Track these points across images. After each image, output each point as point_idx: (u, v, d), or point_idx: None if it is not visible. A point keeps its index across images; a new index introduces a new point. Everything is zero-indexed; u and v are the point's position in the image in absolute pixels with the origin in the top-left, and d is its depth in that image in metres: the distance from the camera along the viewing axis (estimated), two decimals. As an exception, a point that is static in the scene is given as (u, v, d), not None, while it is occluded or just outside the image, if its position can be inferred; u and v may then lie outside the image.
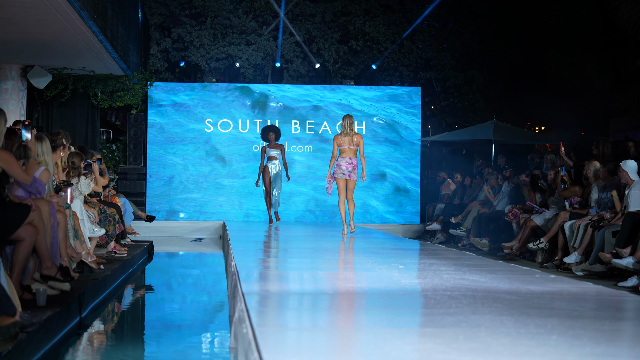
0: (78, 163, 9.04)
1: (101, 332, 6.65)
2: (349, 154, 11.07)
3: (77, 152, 9.24)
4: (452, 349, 3.81)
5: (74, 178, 8.99)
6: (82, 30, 11.48)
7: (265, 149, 14.97)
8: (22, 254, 5.86)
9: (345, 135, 11.11)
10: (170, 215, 17.49)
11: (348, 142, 11.13)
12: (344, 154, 11.08)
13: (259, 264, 7.99)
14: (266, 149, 14.95)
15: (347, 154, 11.06)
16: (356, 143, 11.15)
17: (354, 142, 11.14)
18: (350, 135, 11.13)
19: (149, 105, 17.55)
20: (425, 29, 19.28)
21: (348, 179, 11.13)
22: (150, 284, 10.32)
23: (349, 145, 11.12)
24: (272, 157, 14.87)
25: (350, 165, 11.07)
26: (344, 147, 11.10)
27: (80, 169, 9.05)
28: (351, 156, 11.07)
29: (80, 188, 9.07)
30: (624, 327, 4.86)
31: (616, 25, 14.81)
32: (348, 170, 11.07)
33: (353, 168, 11.07)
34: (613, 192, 9.45)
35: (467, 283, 6.29)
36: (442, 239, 14.72)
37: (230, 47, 18.64)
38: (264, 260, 8.51)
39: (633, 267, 8.14)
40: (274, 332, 4.25)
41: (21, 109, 15.13)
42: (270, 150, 14.89)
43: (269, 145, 14.94)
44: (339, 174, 11.15)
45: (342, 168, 11.12)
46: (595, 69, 16.44)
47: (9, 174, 5.82)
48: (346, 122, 11.16)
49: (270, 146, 14.94)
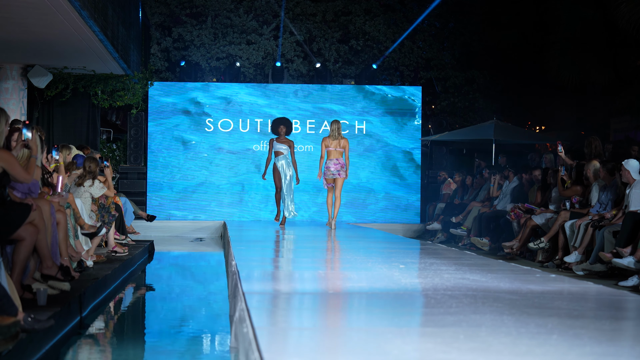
0: (94, 168, 9.21)
1: (102, 332, 6.65)
2: (335, 155, 12.26)
3: (94, 157, 9.44)
4: (452, 349, 3.81)
5: (88, 181, 9.14)
6: (82, 29, 11.48)
7: (273, 142, 13.64)
8: (23, 254, 5.86)
9: (334, 139, 12.28)
10: (171, 214, 17.50)
11: (335, 144, 12.30)
12: (331, 156, 12.27)
13: (259, 263, 7.99)
14: (273, 143, 13.62)
15: (334, 155, 12.25)
16: (342, 146, 12.36)
17: (340, 145, 12.34)
18: (338, 139, 12.32)
19: (149, 104, 17.56)
20: (426, 29, 19.28)
21: (337, 177, 12.34)
22: (150, 283, 10.33)
23: (336, 147, 12.30)
24: (279, 153, 13.52)
25: (338, 165, 12.28)
26: (331, 149, 12.28)
27: (95, 173, 9.23)
28: (338, 157, 12.24)
29: (92, 190, 9.19)
30: (625, 327, 4.86)
31: (617, 24, 14.81)
32: (337, 170, 12.29)
33: (341, 167, 12.26)
34: None
35: (467, 282, 6.29)
36: (443, 238, 14.72)
37: (231, 46, 18.64)
38: (264, 259, 8.51)
39: (634, 266, 8.14)
40: (274, 332, 4.25)
41: (22, 108, 15.13)
42: (278, 144, 13.55)
43: (278, 139, 13.62)
44: (329, 175, 12.41)
45: (331, 169, 12.39)
46: (596, 68, 16.44)
47: (9, 174, 5.82)
48: (334, 127, 12.39)
49: (279, 140, 13.60)
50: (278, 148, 13.52)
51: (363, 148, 17.92)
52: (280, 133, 13.56)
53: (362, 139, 17.93)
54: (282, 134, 13.56)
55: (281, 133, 13.56)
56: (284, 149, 13.50)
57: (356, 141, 17.86)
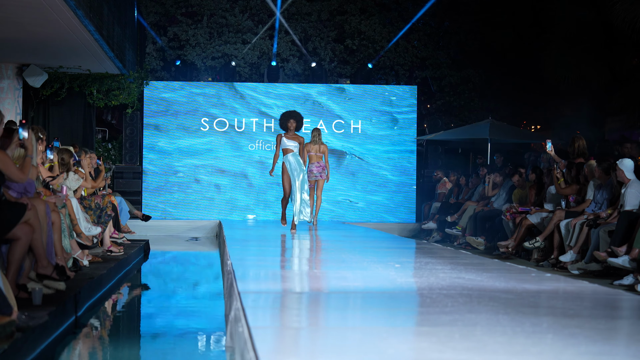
0: (67, 159, 9.11)
1: (97, 331, 6.64)
2: (316, 159, 12.93)
3: (66, 149, 9.33)
4: (448, 348, 3.81)
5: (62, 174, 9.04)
6: (77, 29, 11.46)
7: (281, 138, 12.41)
8: (18, 253, 5.85)
9: (315, 144, 12.92)
10: (166, 214, 17.48)
11: (315, 150, 12.91)
12: (312, 160, 12.94)
13: (255, 262, 7.98)
14: (282, 139, 12.39)
15: (315, 160, 12.93)
16: (322, 151, 12.98)
17: (320, 150, 12.94)
18: (318, 144, 12.94)
19: (144, 104, 17.54)
20: (421, 28, 19.30)
21: (319, 178, 12.97)
22: (146, 282, 10.32)
23: (316, 152, 12.92)
24: (288, 150, 12.33)
25: (319, 168, 12.93)
26: (312, 154, 12.92)
27: (69, 165, 9.11)
28: (318, 161, 12.95)
29: (68, 183, 9.12)
30: (620, 326, 4.86)
31: (612, 24, 14.83)
32: (318, 172, 12.93)
33: (322, 169, 12.96)
34: None
35: (463, 282, 6.30)
36: (438, 237, 14.73)
37: (226, 45, 18.63)
38: (259, 259, 8.51)
39: (629, 265, 8.15)
40: (270, 331, 4.24)
41: (17, 107, 15.10)
42: (287, 141, 12.34)
43: (286, 135, 12.40)
44: (312, 177, 12.92)
45: (314, 172, 12.92)
46: (591, 67, 16.45)
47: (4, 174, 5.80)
48: (315, 134, 12.98)
49: (288, 136, 12.39)
50: (287, 145, 12.37)
51: (359, 147, 17.92)
52: (290, 128, 12.41)
53: (357, 138, 17.92)
54: (291, 130, 12.42)
55: (290, 128, 12.41)
56: (294, 146, 12.38)
57: (352, 140, 17.86)
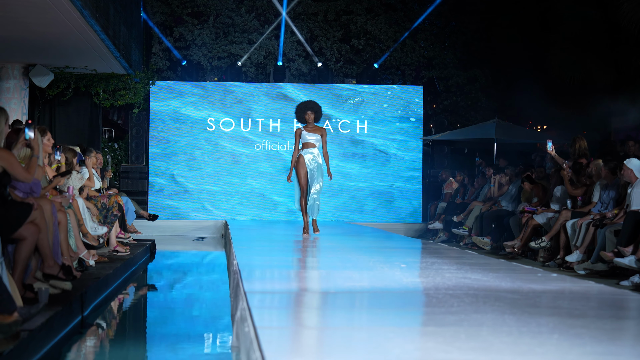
0: (71, 159, 9.15)
1: (103, 331, 6.65)
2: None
3: (71, 148, 9.37)
4: (453, 348, 3.81)
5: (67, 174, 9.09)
6: (84, 29, 11.48)
7: (301, 132, 11.43)
8: (24, 253, 5.86)
9: None
10: (173, 214, 17.50)
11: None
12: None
13: (260, 262, 7.99)
14: (301, 133, 11.41)
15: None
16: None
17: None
18: None
19: (150, 104, 17.56)
20: (427, 28, 19.28)
21: None
22: (152, 282, 10.33)
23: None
24: (308, 144, 11.37)
25: None
26: None
27: (73, 165, 9.16)
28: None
29: (71, 183, 9.15)
30: (626, 326, 4.85)
31: (618, 23, 14.79)
32: None
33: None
34: None
35: (469, 282, 6.29)
36: (444, 237, 14.72)
37: (232, 45, 18.64)
38: (265, 259, 8.51)
39: (635, 265, 8.14)
40: (275, 331, 4.24)
41: (23, 107, 15.13)
42: (307, 134, 11.37)
43: (306, 128, 11.42)
44: None
45: None
46: (597, 67, 16.42)
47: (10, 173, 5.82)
48: None
49: (308, 129, 11.41)
50: (308, 139, 11.39)
51: (364, 147, 17.91)
52: (308, 120, 11.37)
53: (363, 138, 17.91)
54: (310, 122, 11.38)
55: (309, 120, 11.37)
56: (315, 139, 11.39)
57: (357, 141, 17.85)
